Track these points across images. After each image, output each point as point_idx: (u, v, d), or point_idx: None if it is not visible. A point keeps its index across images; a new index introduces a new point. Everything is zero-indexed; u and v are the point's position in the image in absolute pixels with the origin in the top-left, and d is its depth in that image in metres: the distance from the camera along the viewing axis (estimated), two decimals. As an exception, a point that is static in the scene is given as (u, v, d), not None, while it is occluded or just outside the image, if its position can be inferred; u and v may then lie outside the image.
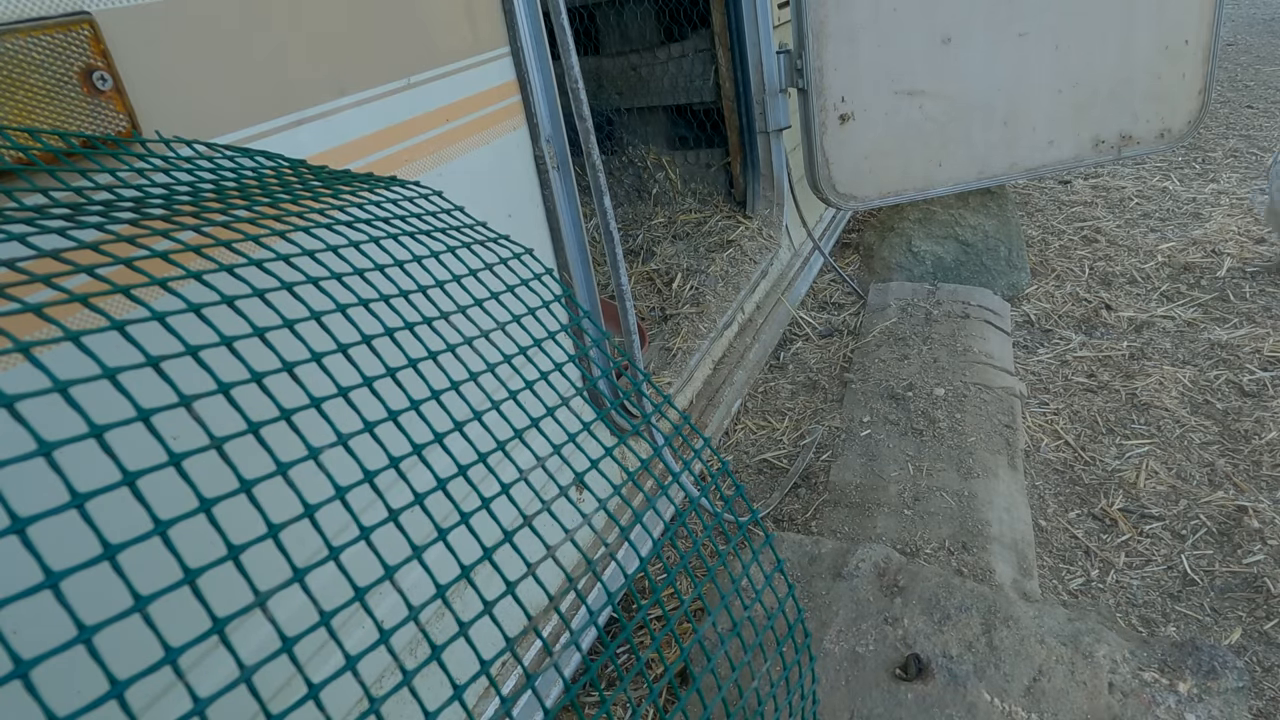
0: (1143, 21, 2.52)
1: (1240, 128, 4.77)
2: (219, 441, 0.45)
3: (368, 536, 0.51)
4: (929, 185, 2.72)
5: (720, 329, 2.62)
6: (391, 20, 1.19)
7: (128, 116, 0.79)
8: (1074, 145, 2.69)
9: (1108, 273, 3.13)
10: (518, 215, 1.53)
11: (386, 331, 0.63)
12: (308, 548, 0.51)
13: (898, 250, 3.17)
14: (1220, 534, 1.86)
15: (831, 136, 2.55)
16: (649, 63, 3.49)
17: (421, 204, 0.86)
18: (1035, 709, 1.33)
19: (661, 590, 0.93)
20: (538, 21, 1.50)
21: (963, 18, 2.47)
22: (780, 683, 0.82)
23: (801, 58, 2.44)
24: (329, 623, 0.46)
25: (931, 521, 1.92)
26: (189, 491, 0.44)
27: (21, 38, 0.69)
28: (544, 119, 1.54)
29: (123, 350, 0.48)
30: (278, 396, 0.52)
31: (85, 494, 0.39)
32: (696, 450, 0.83)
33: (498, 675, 1.49)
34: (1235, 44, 7.15)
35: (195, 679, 0.79)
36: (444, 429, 0.61)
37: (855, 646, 1.49)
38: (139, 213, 0.60)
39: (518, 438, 0.69)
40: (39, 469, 0.38)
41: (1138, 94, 2.63)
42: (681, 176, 3.63)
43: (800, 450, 2.34)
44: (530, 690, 0.58)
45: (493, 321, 0.75)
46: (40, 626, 0.45)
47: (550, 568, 1.51)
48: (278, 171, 0.82)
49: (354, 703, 1.07)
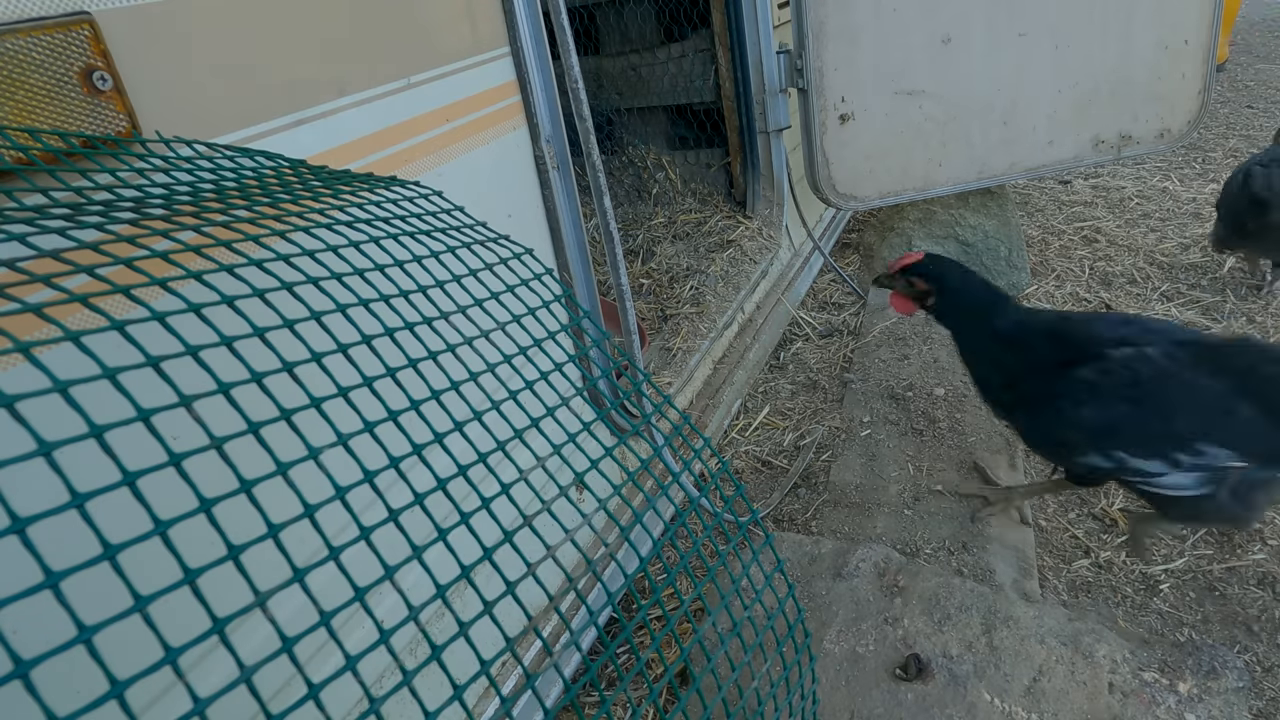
0: (1142, 21, 2.52)
1: (1240, 128, 4.77)
2: (219, 441, 0.45)
3: (368, 536, 0.51)
4: (929, 185, 2.72)
5: (720, 329, 2.62)
6: (391, 20, 1.19)
7: (128, 116, 0.79)
8: (1074, 145, 2.69)
9: (1108, 273, 3.13)
10: (518, 215, 1.53)
11: (386, 331, 0.63)
12: (308, 548, 0.51)
13: (898, 250, 3.16)
14: (1220, 534, 1.86)
15: (831, 136, 2.55)
16: (649, 63, 3.49)
17: (421, 204, 0.86)
18: (1035, 709, 1.33)
19: (661, 590, 0.93)
20: (538, 21, 1.50)
21: (963, 18, 2.47)
22: (780, 683, 0.82)
23: (801, 58, 2.44)
24: (329, 623, 0.46)
25: (931, 521, 1.92)
26: (189, 491, 0.44)
27: (21, 38, 0.69)
28: (544, 119, 1.54)
29: (123, 350, 0.48)
30: (278, 396, 0.52)
31: (85, 494, 0.38)
32: (696, 450, 0.83)
33: (498, 675, 1.49)
34: (1235, 44, 7.15)
35: (195, 679, 0.79)
36: (444, 429, 0.61)
37: (855, 646, 1.49)
38: (139, 213, 0.60)
39: (518, 438, 0.69)
40: (39, 469, 0.38)
41: (1137, 94, 2.63)
42: (681, 176, 3.63)
43: (800, 450, 2.34)
44: (530, 690, 0.58)
45: (493, 321, 0.75)
46: (40, 626, 0.45)
47: (550, 568, 1.51)
48: (278, 171, 0.82)
49: (354, 703, 1.07)
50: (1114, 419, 1.48)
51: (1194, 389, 1.45)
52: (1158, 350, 1.48)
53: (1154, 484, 1.50)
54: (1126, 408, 1.47)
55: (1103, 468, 1.54)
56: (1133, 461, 1.48)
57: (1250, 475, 1.45)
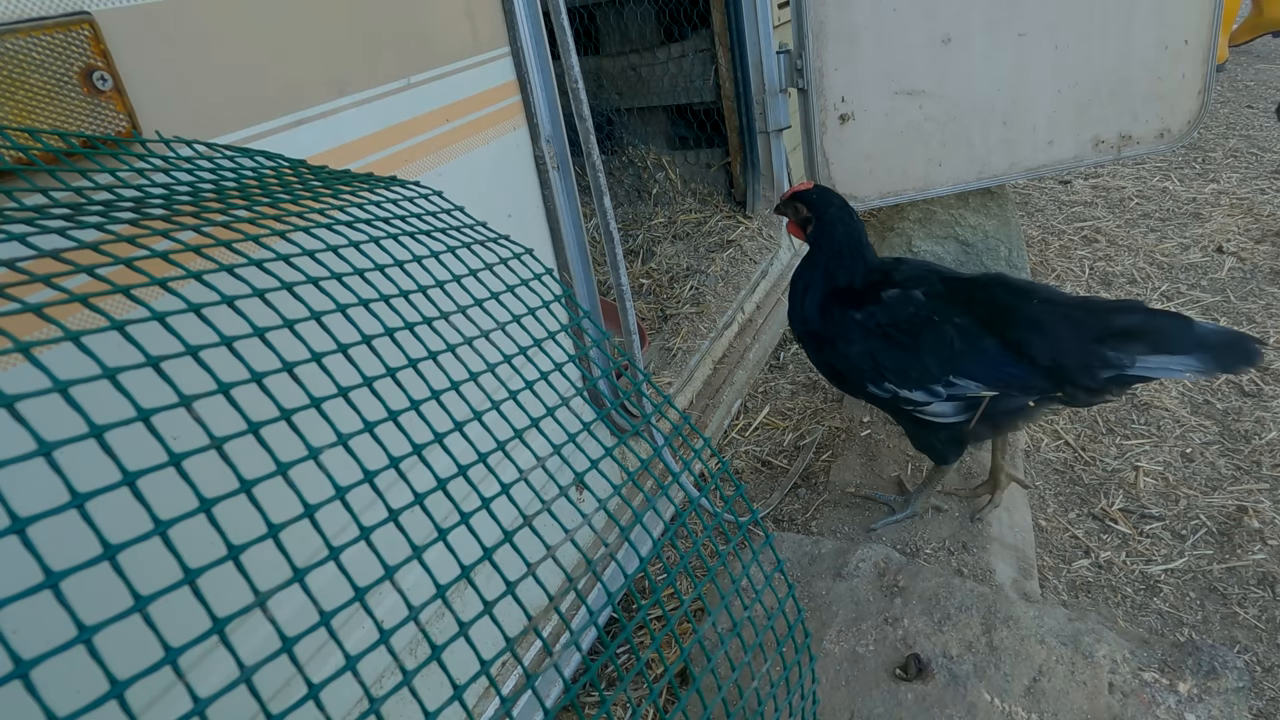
0: (1142, 21, 2.52)
1: (1240, 128, 4.77)
2: (219, 441, 0.45)
3: (368, 536, 0.51)
4: (929, 185, 2.72)
5: (720, 329, 2.62)
6: (391, 20, 1.19)
7: (128, 116, 0.79)
8: (1074, 145, 2.69)
9: (1108, 273, 3.13)
10: (518, 215, 1.53)
11: (386, 331, 0.63)
12: (308, 548, 0.51)
13: (898, 250, 3.16)
14: (1220, 534, 1.86)
15: (831, 136, 2.55)
16: (649, 63, 3.49)
17: (421, 204, 0.86)
18: (1035, 709, 1.32)
19: (661, 590, 0.93)
20: (538, 21, 1.50)
21: (963, 18, 2.47)
22: (780, 683, 0.82)
23: (801, 58, 2.44)
24: (329, 623, 0.46)
25: (931, 521, 1.92)
26: (189, 491, 0.44)
27: (21, 38, 0.69)
28: (544, 119, 1.54)
29: (123, 350, 0.48)
30: (278, 396, 0.52)
31: (85, 494, 0.38)
32: (696, 450, 0.83)
33: (498, 675, 1.49)
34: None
35: (195, 679, 0.79)
36: (444, 429, 0.61)
37: (855, 646, 1.49)
38: (139, 213, 0.60)
39: (518, 438, 0.69)
40: (39, 469, 0.38)
41: (1137, 94, 2.63)
42: (681, 176, 3.63)
43: (800, 450, 2.34)
44: (530, 690, 0.58)
45: (493, 321, 0.75)
46: (40, 626, 0.45)
47: (550, 568, 1.51)
48: (278, 171, 0.82)
49: (354, 703, 1.07)
50: (876, 355, 1.67)
51: (945, 325, 1.62)
52: (921, 290, 1.67)
53: (924, 412, 1.69)
54: (883, 344, 1.67)
55: (882, 397, 1.72)
56: (902, 392, 1.67)
57: (999, 403, 1.63)
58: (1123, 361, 1.51)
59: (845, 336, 1.70)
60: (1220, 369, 1.49)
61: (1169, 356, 1.50)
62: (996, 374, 1.59)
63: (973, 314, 1.62)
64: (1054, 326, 1.56)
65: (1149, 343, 1.51)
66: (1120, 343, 1.52)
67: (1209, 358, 1.48)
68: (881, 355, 1.67)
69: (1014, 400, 1.63)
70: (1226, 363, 1.49)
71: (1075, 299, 1.63)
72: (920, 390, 1.65)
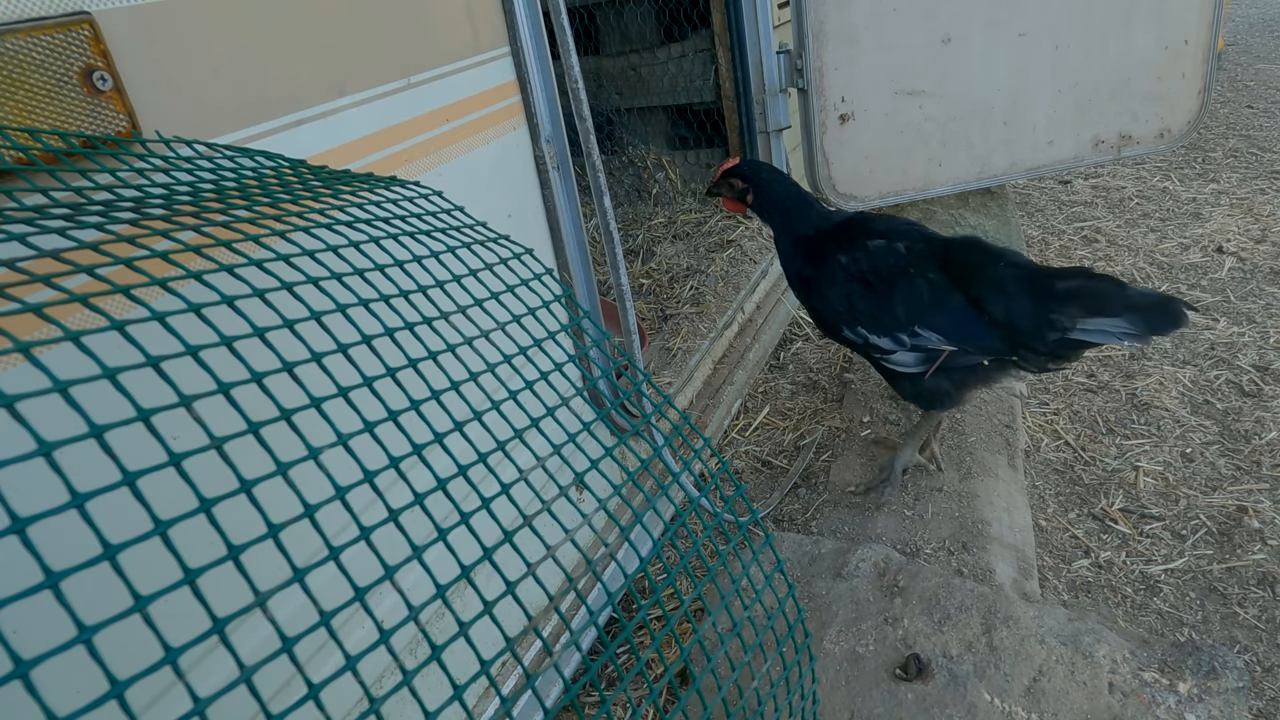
0: (1142, 21, 2.52)
1: (1240, 128, 4.77)
2: (219, 441, 0.45)
3: (368, 536, 0.51)
4: (929, 185, 2.72)
5: (720, 329, 2.62)
6: (392, 20, 1.19)
7: (128, 116, 0.79)
8: (1074, 145, 2.69)
9: (1108, 272, 3.13)
10: (518, 215, 1.53)
11: (386, 331, 0.63)
12: (308, 548, 0.51)
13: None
14: (1220, 534, 1.86)
15: (831, 136, 2.55)
16: (649, 63, 3.49)
17: (421, 204, 0.86)
18: (1035, 709, 1.32)
19: (661, 590, 0.93)
20: (538, 21, 1.50)
21: (963, 18, 2.46)
22: (780, 683, 0.82)
23: (801, 58, 2.44)
24: (329, 623, 0.46)
25: (931, 521, 1.92)
26: (189, 491, 0.44)
27: (21, 38, 0.69)
28: (544, 119, 1.54)
29: (123, 350, 0.48)
30: (278, 396, 0.52)
31: (85, 494, 0.38)
32: (696, 450, 0.83)
33: (498, 675, 1.49)
34: (1235, 44, 7.15)
35: (195, 679, 0.79)
36: (444, 429, 0.61)
37: (855, 646, 1.49)
38: (139, 213, 0.60)
39: (518, 438, 0.69)
40: (39, 469, 0.38)
41: (1137, 94, 2.62)
42: (681, 176, 3.63)
43: (800, 450, 2.34)
44: (530, 690, 0.58)
45: (493, 321, 0.75)
46: (40, 626, 0.45)
47: (550, 568, 1.51)
48: (278, 171, 0.82)
49: (354, 703, 1.07)
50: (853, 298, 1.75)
51: (919, 279, 1.69)
52: (904, 244, 1.75)
53: (889, 360, 1.76)
54: (861, 289, 1.74)
55: (855, 342, 1.80)
56: (871, 338, 1.75)
57: (956, 359, 1.70)
58: (1064, 324, 1.58)
59: (830, 279, 1.79)
60: (1150, 331, 1.54)
61: (1103, 319, 1.56)
62: (958, 329, 1.66)
63: (946, 272, 1.69)
64: (1012, 287, 1.63)
65: (1084, 305, 1.57)
66: (1061, 305, 1.58)
67: (1138, 319, 1.53)
68: (857, 300, 1.74)
69: (970, 358, 1.70)
70: (1155, 324, 1.53)
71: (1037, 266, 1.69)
72: (887, 337, 1.73)
